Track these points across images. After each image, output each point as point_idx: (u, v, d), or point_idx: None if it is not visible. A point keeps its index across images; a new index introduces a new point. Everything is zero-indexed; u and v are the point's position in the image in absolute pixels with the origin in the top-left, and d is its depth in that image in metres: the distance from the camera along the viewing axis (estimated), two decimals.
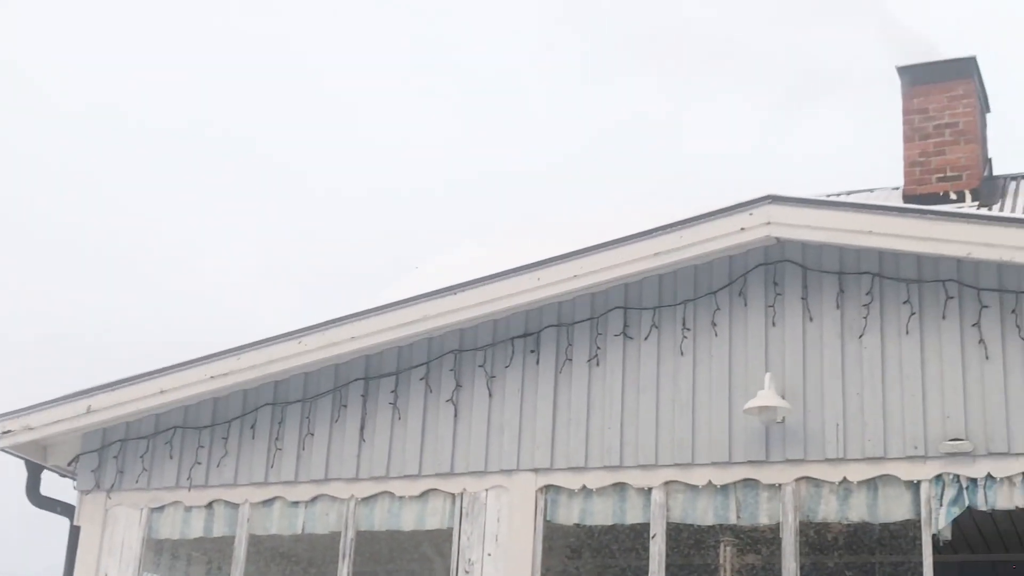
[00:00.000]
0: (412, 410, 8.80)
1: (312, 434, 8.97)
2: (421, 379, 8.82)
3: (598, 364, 8.43)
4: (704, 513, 7.99)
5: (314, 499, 8.88)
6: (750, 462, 7.86)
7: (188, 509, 9.20)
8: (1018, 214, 9.16)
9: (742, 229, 8.03)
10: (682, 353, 8.23)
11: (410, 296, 8.72)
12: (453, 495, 8.55)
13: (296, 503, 8.93)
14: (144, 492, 9.30)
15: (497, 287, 8.53)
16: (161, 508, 9.26)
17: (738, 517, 7.91)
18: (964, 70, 11.78)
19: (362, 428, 8.89)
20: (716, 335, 8.18)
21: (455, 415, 8.70)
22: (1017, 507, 7.35)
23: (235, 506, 9.06)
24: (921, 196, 11.47)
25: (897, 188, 12.09)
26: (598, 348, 8.46)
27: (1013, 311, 7.49)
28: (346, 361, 8.97)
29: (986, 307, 7.56)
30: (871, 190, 12.49)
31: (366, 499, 8.75)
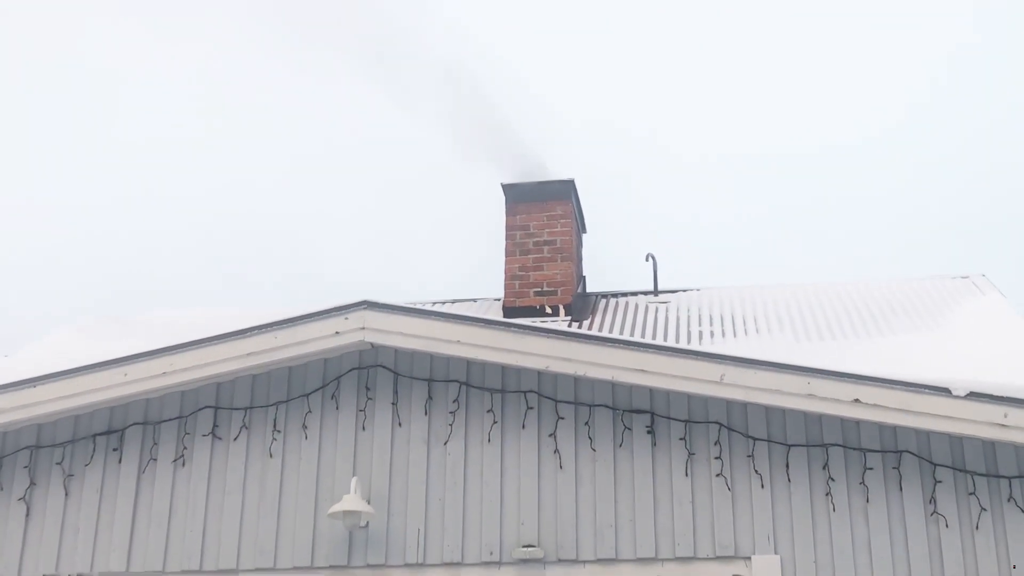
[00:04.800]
0: None
1: None
2: None
3: (184, 464, 8.21)
4: None
5: None
6: (332, 567, 7.83)
7: None
8: (595, 332, 9.70)
9: (337, 333, 8.10)
10: (271, 455, 8.15)
11: None
12: None
13: None
14: None
15: (81, 381, 8.17)
16: None
17: None
18: (563, 192, 12.41)
19: None
20: (306, 438, 8.16)
21: (27, 514, 8.22)
22: None
23: None
24: (519, 308, 11.94)
25: (499, 299, 12.56)
26: (185, 448, 8.25)
27: (586, 423, 7.89)
28: None
29: (562, 418, 7.93)
30: (475, 300, 12.90)
31: None
